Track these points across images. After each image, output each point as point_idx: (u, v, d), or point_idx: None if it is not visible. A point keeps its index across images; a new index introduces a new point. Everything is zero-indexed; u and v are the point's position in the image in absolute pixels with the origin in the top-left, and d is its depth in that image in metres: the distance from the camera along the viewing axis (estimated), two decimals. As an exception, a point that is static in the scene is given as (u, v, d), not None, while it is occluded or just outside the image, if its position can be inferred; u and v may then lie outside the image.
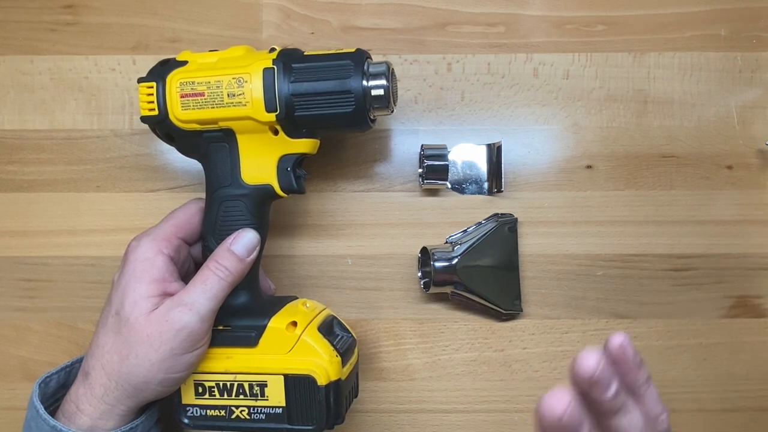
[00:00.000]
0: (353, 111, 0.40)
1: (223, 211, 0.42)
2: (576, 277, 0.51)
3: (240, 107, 0.40)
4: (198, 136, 0.42)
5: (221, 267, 0.39)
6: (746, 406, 0.50)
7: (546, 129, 0.52)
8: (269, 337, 0.41)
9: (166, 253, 0.40)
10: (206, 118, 0.41)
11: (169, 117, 0.41)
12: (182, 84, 0.40)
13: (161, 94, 0.41)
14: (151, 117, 0.41)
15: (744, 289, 0.51)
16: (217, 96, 0.40)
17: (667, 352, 0.50)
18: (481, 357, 0.51)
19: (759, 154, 0.51)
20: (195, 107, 0.40)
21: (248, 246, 0.41)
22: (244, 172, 0.42)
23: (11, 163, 0.52)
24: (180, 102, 0.41)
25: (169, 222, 0.42)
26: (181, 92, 0.40)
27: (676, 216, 0.51)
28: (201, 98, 0.40)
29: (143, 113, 0.42)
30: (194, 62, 0.41)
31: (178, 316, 0.37)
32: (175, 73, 0.41)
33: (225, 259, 0.39)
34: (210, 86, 0.40)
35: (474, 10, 0.52)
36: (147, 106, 0.41)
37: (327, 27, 0.52)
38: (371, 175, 0.52)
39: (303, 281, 0.51)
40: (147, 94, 0.41)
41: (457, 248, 0.48)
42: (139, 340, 0.37)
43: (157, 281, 0.39)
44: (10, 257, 0.51)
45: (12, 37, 0.52)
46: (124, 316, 0.38)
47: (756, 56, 0.52)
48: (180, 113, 0.41)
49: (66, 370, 0.42)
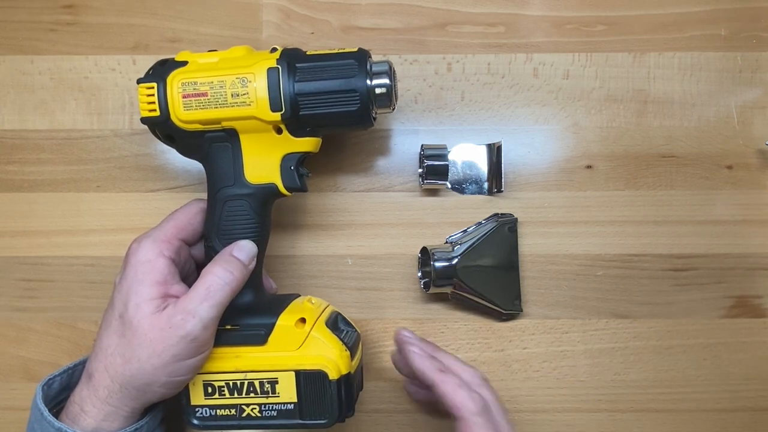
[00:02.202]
0: (358, 109, 0.41)
1: (227, 211, 0.42)
2: (576, 277, 0.51)
3: (244, 107, 0.40)
4: (200, 136, 0.42)
5: (225, 272, 0.39)
6: (746, 406, 0.50)
7: (546, 129, 0.52)
8: (279, 335, 0.41)
9: (167, 255, 0.40)
10: (209, 118, 0.40)
11: (170, 118, 0.41)
12: (184, 84, 0.40)
13: (162, 95, 0.40)
14: (152, 118, 0.41)
15: (744, 289, 0.51)
16: (220, 96, 0.40)
17: (667, 352, 0.50)
18: (481, 357, 0.50)
19: (759, 154, 0.51)
20: (198, 107, 0.40)
21: (249, 253, 0.41)
22: (248, 172, 0.42)
23: (11, 163, 0.52)
24: (182, 102, 0.40)
25: (169, 223, 0.42)
26: (183, 92, 0.40)
27: (676, 216, 0.51)
28: (204, 98, 0.40)
29: (144, 114, 0.41)
30: (194, 62, 0.41)
31: (181, 323, 0.37)
32: (176, 74, 0.41)
33: (229, 264, 0.39)
34: (213, 86, 0.40)
35: (474, 10, 0.52)
36: (147, 107, 0.41)
37: (327, 27, 0.52)
38: (371, 175, 0.52)
39: (303, 281, 0.51)
40: (147, 95, 0.41)
41: (457, 248, 0.48)
42: (142, 343, 0.37)
43: (158, 283, 0.38)
44: (10, 257, 0.51)
45: (12, 37, 0.52)
46: (127, 319, 0.38)
47: (756, 56, 0.52)
48: (182, 114, 0.40)
49: (69, 372, 0.42)
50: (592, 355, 0.50)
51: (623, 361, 0.50)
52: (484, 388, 0.41)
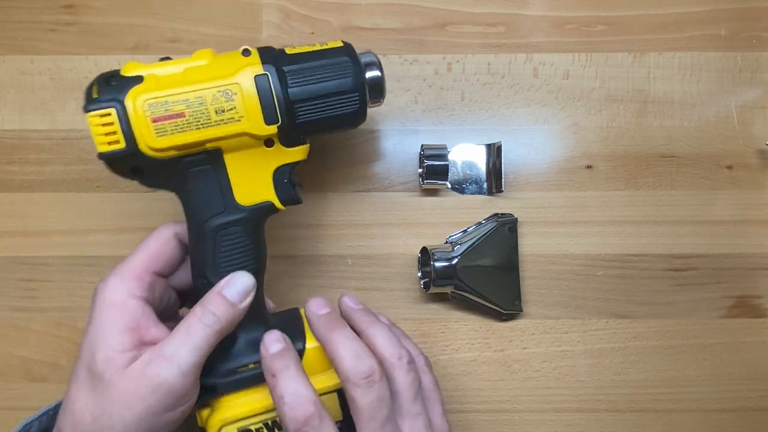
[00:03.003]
0: (357, 109, 0.38)
1: (221, 243, 0.37)
2: (576, 277, 0.51)
3: (233, 123, 0.35)
4: (175, 163, 0.36)
5: (209, 313, 0.34)
6: (746, 406, 0.50)
7: (546, 129, 0.52)
8: (310, 358, 0.38)
9: (138, 294, 0.35)
10: (190, 141, 0.35)
11: (138, 148, 0.34)
12: (152, 106, 0.34)
13: (125, 121, 0.33)
14: (115, 152, 0.34)
15: (744, 289, 0.51)
16: (201, 115, 0.34)
17: (667, 352, 0.50)
18: (481, 357, 0.51)
19: (759, 154, 0.51)
20: (174, 131, 0.34)
21: (242, 291, 0.36)
22: (238, 194, 0.37)
23: (11, 163, 0.52)
24: (153, 128, 0.34)
25: (138, 255, 0.37)
26: (153, 116, 0.34)
27: (676, 216, 0.51)
28: (180, 120, 0.34)
29: (102, 149, 0.34)
30: (152, 77, 0.35)
31: (156, 370, 0.33)
32: (134, 93, 0.34)
33: (214, 305, 0.35)
34: (190, 104, 0.34)
35: (474, 10, 0.52)
36: (106, 139, 0.33)
37: (327, 27, 0.52)
38: (371, 175, 0.52)
39: (303, 281, 0.51)
40: (103, 125, 0.33)
41: (457, 248, 0.48)
42: (112, 398, 0.33)
43: (130, 330, 0.34)
44: (10, 257, 0.51)
45: (12, 37, 0.52)
46: (97, 372, 0.33)
47: (756, 56, 0.52)
48: (154, 141, 0.34)
49: (48, 414, 0.38)
50: (592, 355, 0.50)
51: (623, 361, 0.50)
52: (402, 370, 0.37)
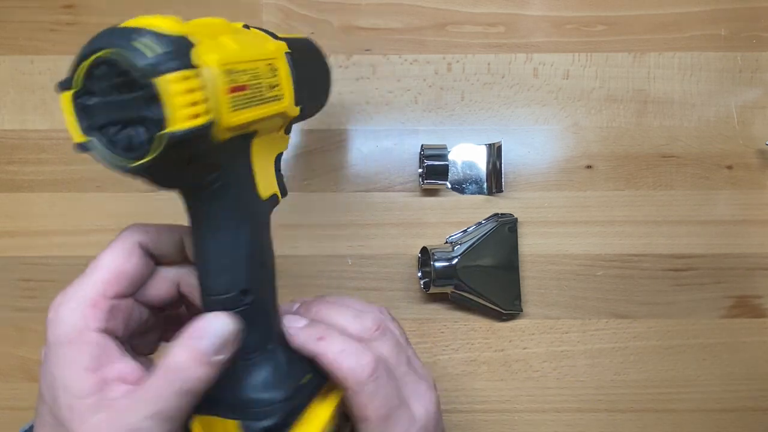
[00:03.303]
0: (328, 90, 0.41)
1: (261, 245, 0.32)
2: (576, 277, 0.51)
3: (277, 102, 0.30)
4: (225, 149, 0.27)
5: (172, 370, 0.27)
6: (746, 406, 0.50)
7: (546, 129, 0.52)
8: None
9: (95, 326, 0.29)
10: (249, 120, 0.27)
11: (219, 124, 0.25)
12: (229, 73, 0.26)
13: (210, 88, 0.24)
14: (196, 129, 0.23)
15: (744, 289, 0.51)
16: (258, 90, 0.28)
17: (667, 352, 0.50)
18: (481, 357, 0.50)
19: (759, 154, 0.51)
20: (242, 106, 0.27)
21: (218, 339, 0.28)
22: (260, 185, 0.31)
23: (11, 163, 0.52)
24: (230, 100, 0.25)
25: (91, 279, 0.30)
26: (231, 85, 0.26)
27: (676, 216, 0.51)
28: (243, 93, 0.27)
29: (180, 125, 0.23)
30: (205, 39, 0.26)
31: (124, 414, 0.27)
32: (205, 54, 0.24)
33: (179, 358, 0.27)
34: (252, 76, 0.28)
35: (474, 10, 0.52)
36: (188, 112, 0.23)
37: (327, 27, 0.52)
38: (371, 175, 0.52)
39: (303, 281, 0.51)
40: (188, 90, 0.23)
41: (457, 248, 0.48)
42: None
43: (89, 371, 0.28)
44: (10, 257, 0.51)
45: (12, 37, 0.52)
46: (61, 418, 0.28)
47: (756, 56, 0.52)
48: (231, 117, 0.25)
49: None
50: (592, 355, 0.50)
51: (623, 361, 0.50)
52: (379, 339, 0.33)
